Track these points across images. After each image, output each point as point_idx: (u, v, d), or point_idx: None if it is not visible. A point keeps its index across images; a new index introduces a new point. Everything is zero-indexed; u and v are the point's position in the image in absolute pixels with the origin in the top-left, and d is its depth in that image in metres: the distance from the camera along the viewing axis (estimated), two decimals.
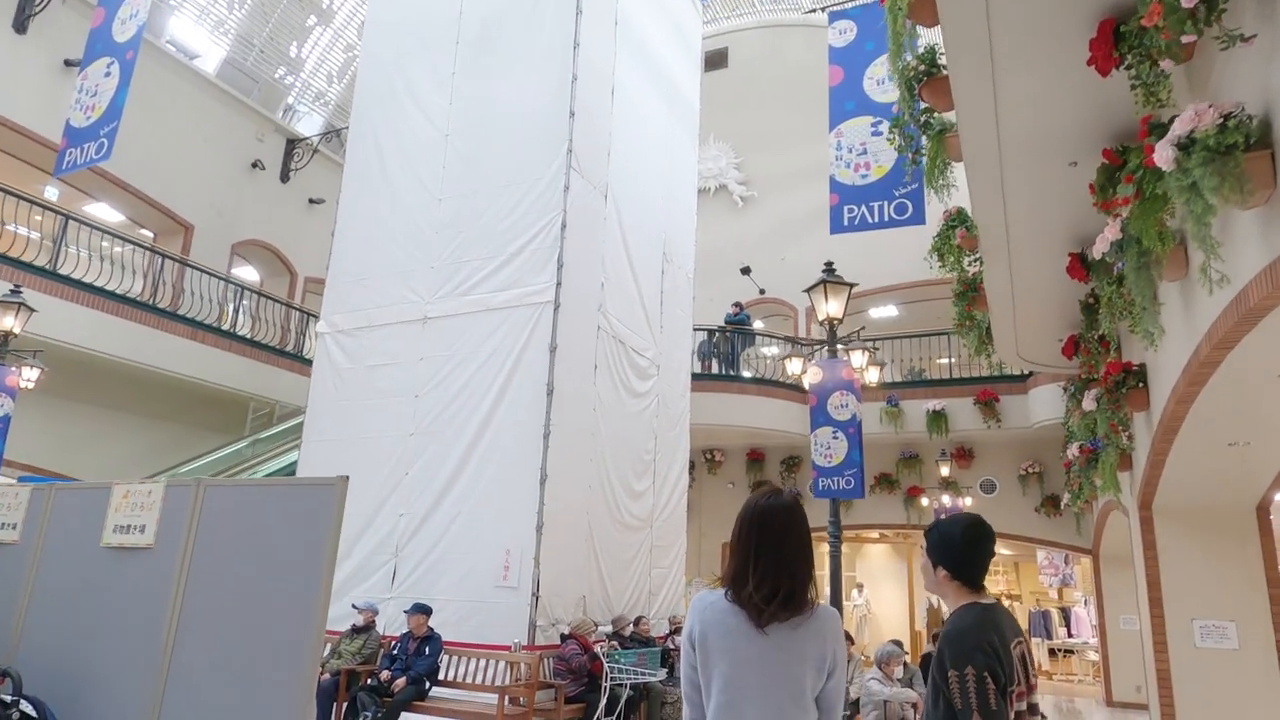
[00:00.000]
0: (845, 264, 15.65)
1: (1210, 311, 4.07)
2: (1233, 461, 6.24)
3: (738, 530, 2.26)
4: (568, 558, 8.65)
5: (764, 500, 2.27)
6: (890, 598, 18.36)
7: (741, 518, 2.27)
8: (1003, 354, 9.77)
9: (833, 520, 5.39)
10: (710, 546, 15.42)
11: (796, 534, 2.21)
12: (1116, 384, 6.27)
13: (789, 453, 15.77)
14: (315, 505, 3.26)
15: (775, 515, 2.21)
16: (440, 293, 9.65)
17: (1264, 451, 6.02)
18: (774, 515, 2.21)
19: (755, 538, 2.20)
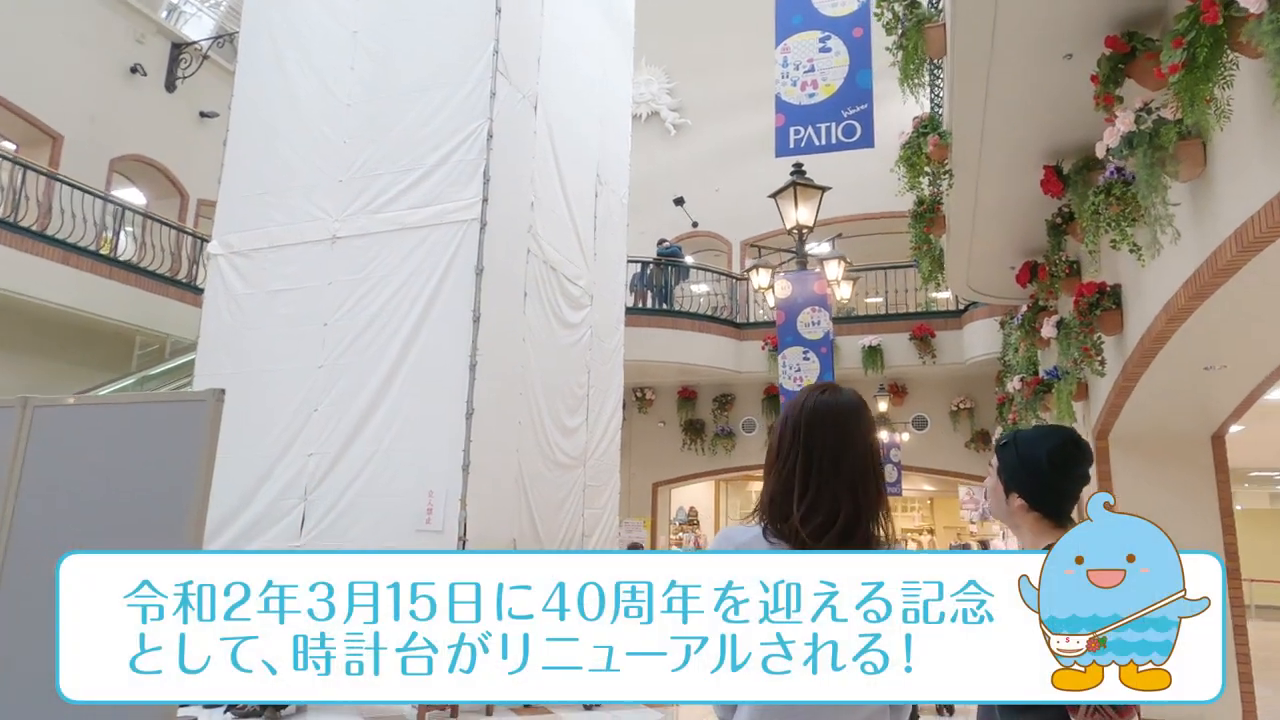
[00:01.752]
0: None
1: (1237, 212, 3.62)
2: (1202, 387, 6.01)
3: (778, 439, 1.63)
4: (497, 498, 7.99)
5: (818, 397, 1.63)
6: None
7: (785, 422, 1.64)
8: (953, 284, 9.43)
9: None
10: (641, 487, 15.00)
11: (862, 446, 1.58)
12: (1090, 305, 5.91)
13: (722, 390, 15.37)
14: (182, 426, 2.49)
15: (834, 418, 1.59)
16: (350, 209, 8.64)
17: (1236, 376, 5.78)
18: (832, 418, 1.59)
19: (804, 448, 1.56)
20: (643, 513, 15.17)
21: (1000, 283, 8.89)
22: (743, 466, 15.47)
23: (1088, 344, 5.97)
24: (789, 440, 1.62)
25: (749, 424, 15.24)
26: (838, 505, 1.50)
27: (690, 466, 15.51)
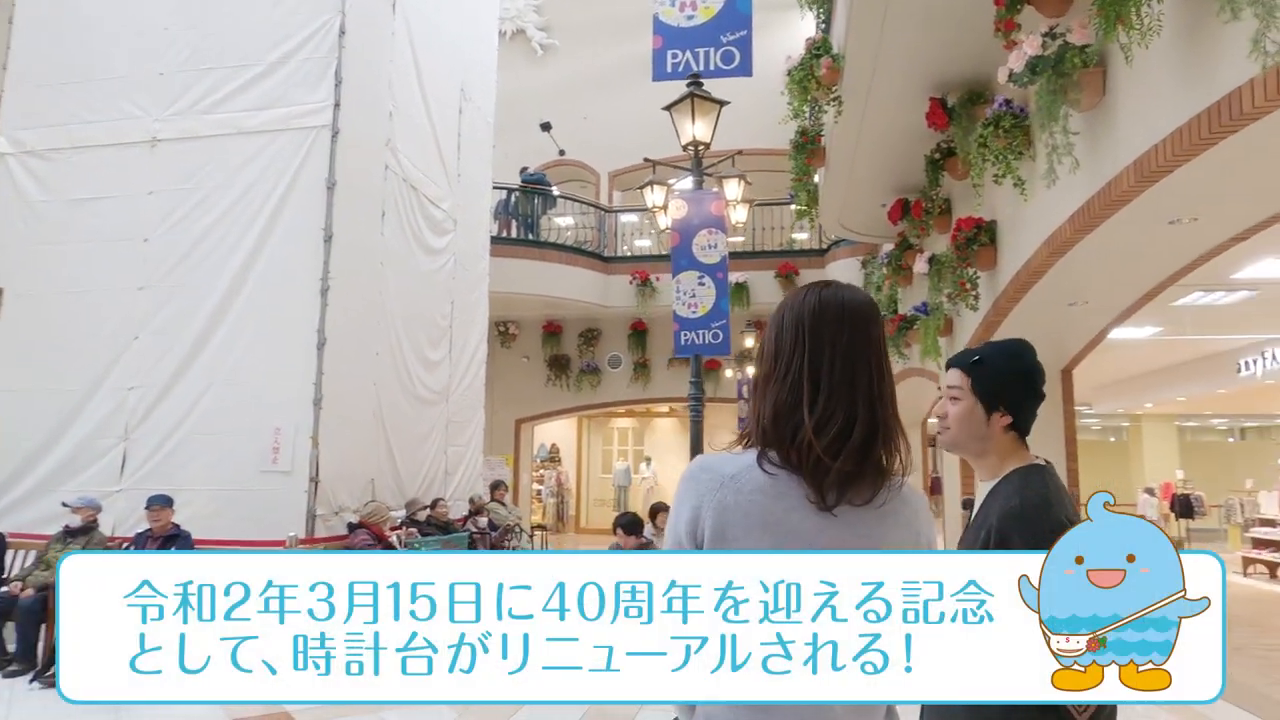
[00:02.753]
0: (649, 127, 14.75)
1: (1140, 140, 3.61)
2: (1062, 323, 6.26)
3: (775, 343, 1.32)
4: (353, 435, 7.36)
5: (824, 291, 1.33)
6: (676, 471, 18.70)
7: (782, 321, 1.33)
8: (826, 220, 9.47)
9: (695, 382, 4.65)
10: (503, 423, 14.55)
11: (879, 353, 1.30)
12: (968, 240, 5.98)
13: (588, 325, 15.05)
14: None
15: (848, 315, 1.29)
16: (175, 108, 7.52)
17: (1093, 313, 6.05)
18: (846, 315, 1.29)
19: (810, 351, 1.27)
20: (505, 450, 14.77)
21: (871, 220, 8.99)
22: (608, 403, 15.33)
23: (964, 278, 6.06)
24: (790, 342, 1.30)
25: (615, 360, 15.05)
26: (854, 414, 1.23)
27: (554, 403, 15.19)
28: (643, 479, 18.36)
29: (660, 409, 18.29)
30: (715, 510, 1.22)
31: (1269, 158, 3.28)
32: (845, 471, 1.21)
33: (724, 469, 1.25)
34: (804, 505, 1.21)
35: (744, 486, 1.23)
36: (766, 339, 1.36)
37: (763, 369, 1.34)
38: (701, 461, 1.30)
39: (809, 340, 1.28)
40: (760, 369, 1.35)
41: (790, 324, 1.31)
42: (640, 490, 18.29)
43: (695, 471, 1.28)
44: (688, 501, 1.25)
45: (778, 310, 1.37)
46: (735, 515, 1.20)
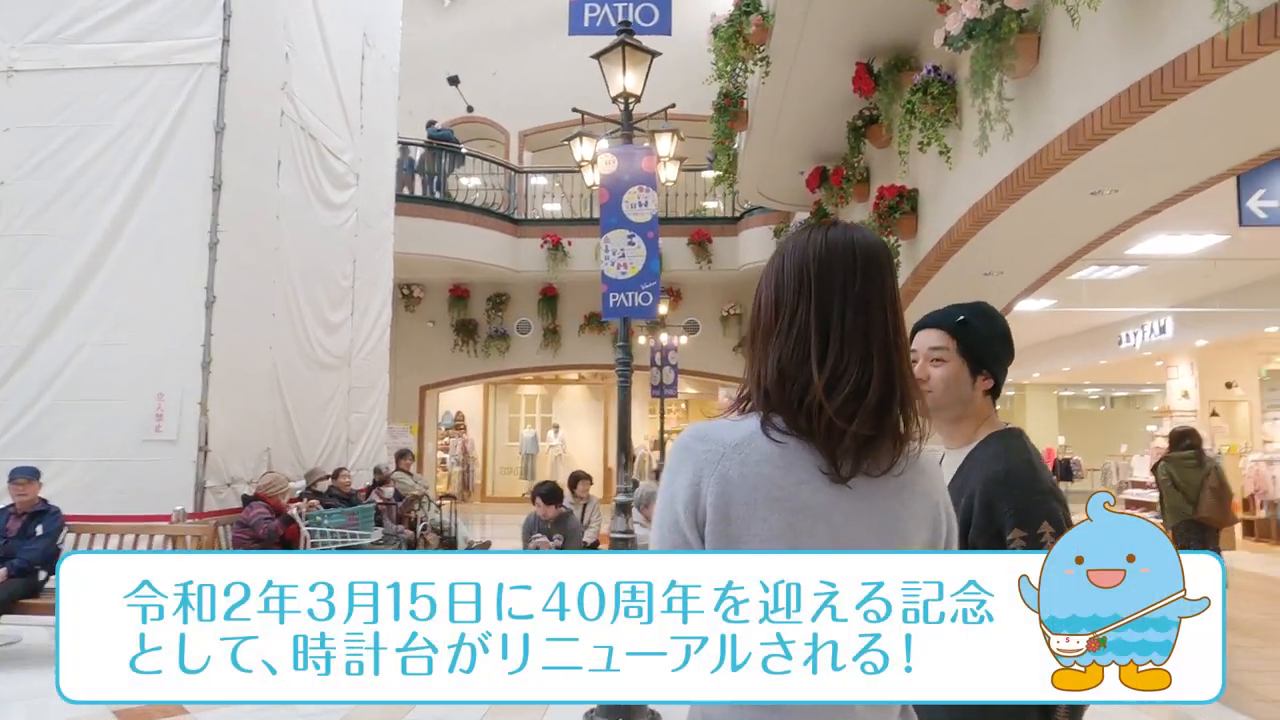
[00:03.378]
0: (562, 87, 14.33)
1: (1075, 107, 3.60)
2: (977, 293, 6.36)
3: (775, 290, 1.16)
4: (246, 401, 6.86)
5: (830, 233, 1.16)
6: (585, 438, 18.58)
7: (782, 266, 1.16)
8: (744, 186, 9.40)
9: (623, 346, 4.46)
10: (407, 390, 14.02)
11: (893, 298, 1.14)
12: (890, 208, 5.99)
13: (497, 290, 14.63)
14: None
15: (857, 258, 1.13)
16: (34, 35, 6.71)
17: (1006, 284, 6.19)
18: (855, 258, 1.13)
19: (816, 298, 1.11)
20: (409, 417, 14.26)
21: (789, 188, 8.97)
22: (516, 369, 14.99)
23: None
24: (794, 289, 1.13)
25: (524, 325, 14.71)
26: (869, 371, 1.08)
27: (461, 369, 14.74)
28: (551, 446, 18.16)
29: (570, 376, 18.07)
30: (717, 484, 1.06)
31: (1201, 128, 3.32)
32: (861, 436, 1.06)
33: (725, 437, 1.08)
34: (816, 477, 1.06)
35: (749, 457, 1.07)
36: (763, 288, 1.18)
37: (761, 322, 1.17)
38: (698, 430, 1.12)
39: (816, 286, 1.11)
40: (758, 323, 1.18)
41: (793, 269, 1.14)
42: (548, 458, 18.10)
43: (690, 441, 1.11)
44: (684, 475, 1.08)
45: (775, 255, 1.20)
46: (740, 490, 1.05)
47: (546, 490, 5.67)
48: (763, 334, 1.15)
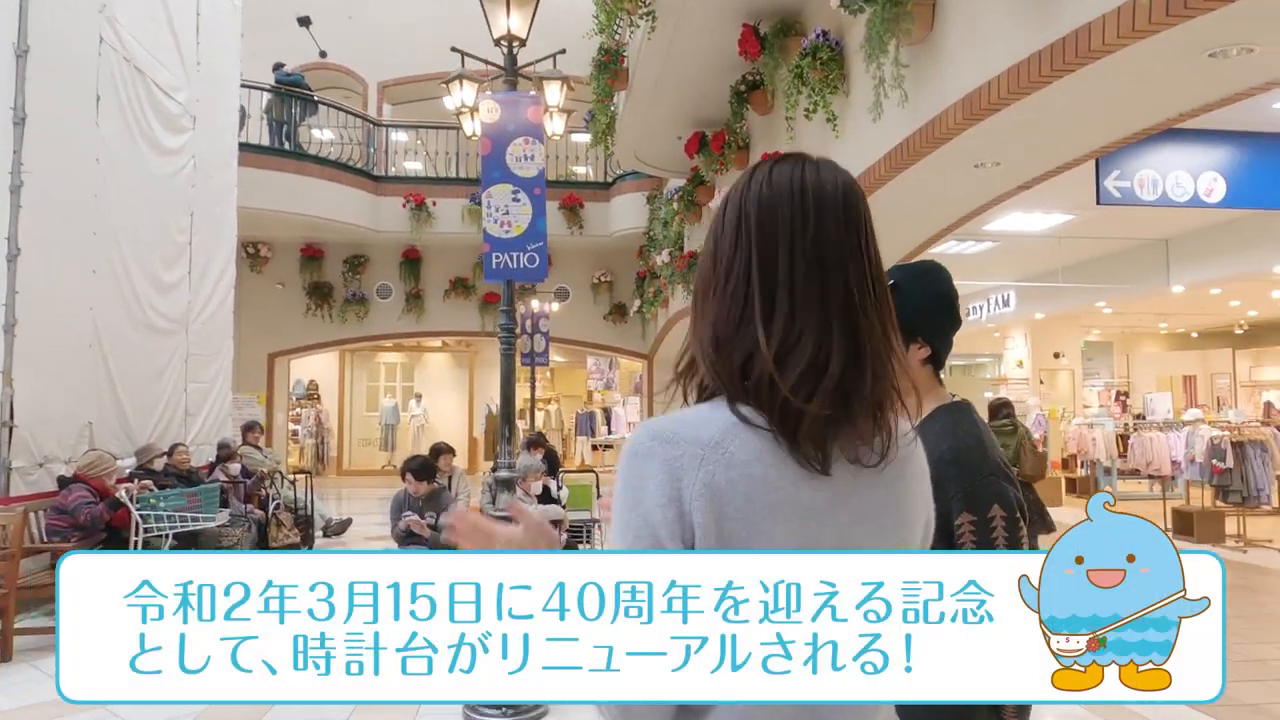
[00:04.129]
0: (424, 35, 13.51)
1: (971, 76, 3.59)
2: None
3: (714, 243, 0.97)
4: (61, 369, 6.02)
5: (775, 171, 0.96)
6: (449, 408, 17.96)
7: (725, 215, 0.97)
8: (621, 149, 9.16)
9: (507, 311, 4.13)
10: (253, 357, 12.94)
11: (860, 246, 0.94)
12: None
13: (354, 251, 13.73)
14: None
15: (809, 198, 0.93)
16: None
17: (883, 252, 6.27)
18: (806, 198, 0.93)
19: (761, 248, 0.93)
20: (256, 387, 13.21)
21: (667, 153, 8.81)
22: (376, 336, 14.19)
23: None
24: (731, 239, 0.94)
25: (384, 289, 13.91)
26: (827, 340, 0.89)
27: (314, 335, 13.79)
28: (413, 417, 17.44)
29: (433, 343, 17.36)
30: (705, 497, 0.85)
31: (1090, 103, 3.37)
32: (823, 419, 0.87)
33: (699, 434, 0.87)
34: (799, 470, 0.87)
35: (735, 456, 0.86)
36: (705, 242, 0.99)
37: (699, 283, 0.97)
38: (656, 429, 0.89)
39: (756, 234, 0.92)
40: (697, 284, 0.98)
41: (732, 215, 0.95)
42: (410, 429, 17.38)
43: (652, 445, 0.88)
44: (654, 490, 0.86)
45: (734, 193, 0.97)
46: (733, 499, 0.85)
47: (418, 465, 5.28)
48: (700, 297, 0.96)
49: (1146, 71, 3.05)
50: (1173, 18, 2.63)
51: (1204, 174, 5.43)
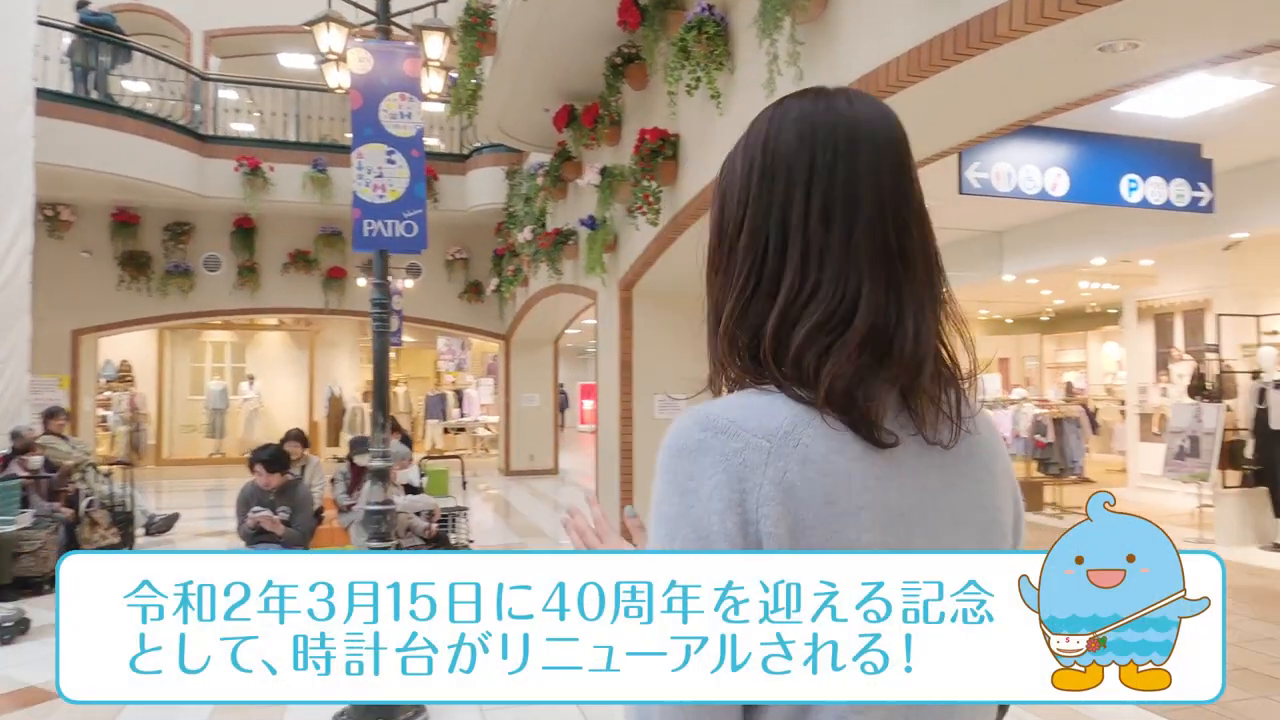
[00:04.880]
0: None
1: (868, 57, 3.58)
2: None
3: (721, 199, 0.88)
4: None
5: (793, 107, 0.84)
6: (286, 391, 16.74)
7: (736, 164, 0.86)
8: (484, 120, 8.74)
9: (380, 285, 3.73)
10: (54, 334, 11.42)
11: (900, 186, 0.81)
12: (653, 152, 5.79)
13: (177, 218, 12.42)
14: None
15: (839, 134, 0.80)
16: None
17: None
18: (835, 134, 0.80)
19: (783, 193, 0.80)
20: (58, 368, 11.68)
21: (534, 125, 8.49)
22: (203, 312, 12.93)
23: (647, 192, 5.88)
24: (741, 188, 0.84)
25: (213, 261, 12.69)
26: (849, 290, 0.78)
27: (128, 311, 12.37)
28: (245, 400, 16.13)
29: (268, 321, 16.10)
30: (777, 500, 0.72)
31: (985, 87, 3.44)
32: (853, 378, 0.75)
33: (763, 423, 0.74)
34: (901, 466, 0.77)
35: (812, 450, 0.73)
36: (714, 196, 0.87)
37: (708, 254, 0.87)
38: (709, 416, 0.75)
39: (776, 180, 0.80)
40: (707, 255, 0.88)
41: (744, 162, 0.83)
42: (243, 413, 16.08)
43: (704, 437, 0.74)
44: (713, 494, 0.73)
45: (768, 126, 0.84)
46: (813, 505, 0.73)
47: (269, 455, 4.76)
48: (710, 269, 0.86)
49: (1040, 61, 3.14)
50: (1066, 12, 2.69)
51: (1050, 169, 5.81)
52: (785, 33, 3.97)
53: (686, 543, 0.73)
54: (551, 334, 13.69)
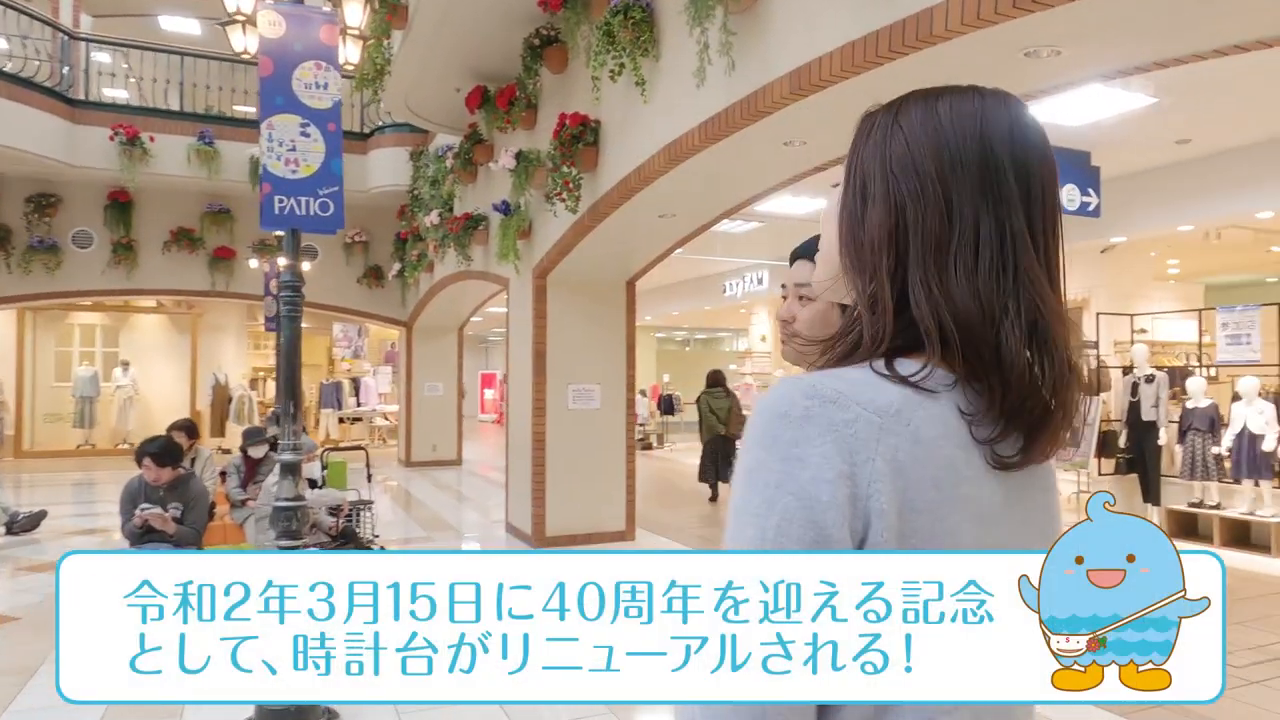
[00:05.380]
0: None
1: (802, 50, 3.59)
2: (647, 233, 6.41)
3: (938, 182, 0.78)
4: None
5: (1010, 108, 0.83)
6: (165, 377, 15.70)
7: (948, 145, 0.79)
8: (391, 97, 8.40)
9: (292, 265, 3.47)
10: None
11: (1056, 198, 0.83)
12: (573, 137, 5.68)
13: (42, 188, 11.40)
14: None
15: (1046, 148, 0.82)
16: None
17: (678, 225, 6.30)
18: (1044, 147, 0.82)
19: (1013, 197, 0.78)
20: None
21: (444, 105, 8.20)
22: (72, 291, 11.93)
23: (567, 178, 5.77)
24: (975, 180, 0.77)
25: (83, 237, 11.72)
26: (1040, 311, 0.77)
27: None
28: (118, 387, 15.04)
29: (145, 303, 15.05)
30: (890, 478, 0.70)
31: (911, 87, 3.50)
32: (1044, 403, 0.76)
33: (874, 397, 0.71)
34: (981, 460, 0.75)
35: (922, 432, 0.72)
36: (913, 169, 0.79)
37: (908, 224, 0.78)
38: (815, 385, 0.72)
39: (1002, 184, 0.77)
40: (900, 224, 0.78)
41: (976, 151, 0.78)
42: (116, 401, 14.99)
43: (810, 405, 0.70)
44: (822, 462, 0.69)
45: (913, 125, 0.82)
46: (923, 488, 0.72)
47: (158, 448, 4.40)
48: (910, 241, 0.77)
49: (970, 64, 3.22)
50: (1002, 15, 2.76)
51: None
52: (717, 22, 3.95)
53: (788, 512, 0.69)
54: (456, 321, 13.35)
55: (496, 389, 26.79)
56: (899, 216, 0.77)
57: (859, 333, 0.79)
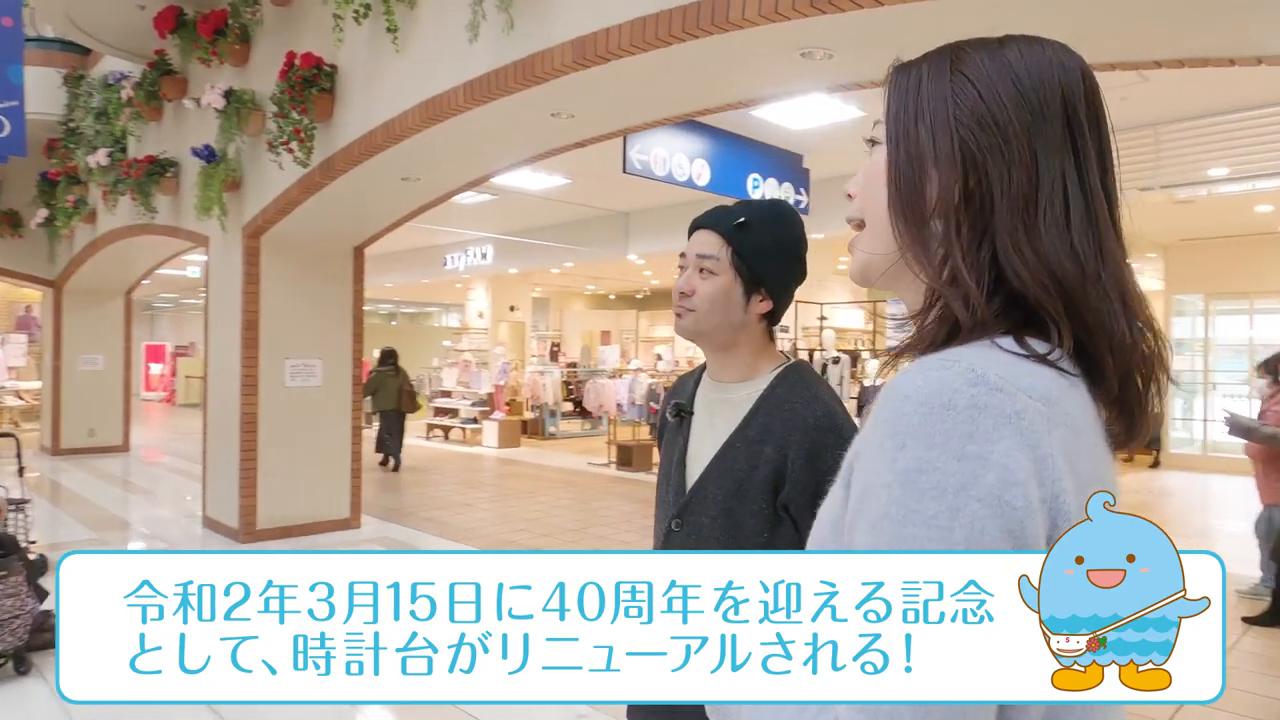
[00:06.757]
0: None
1: (589, 20, 3.49)
2: (385, 197, 5.91)
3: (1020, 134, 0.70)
4: None
5: (1068, 57, 0.74)
6: None
7: (1023, 95, 0.70)
8: (46, 7, 6.86)
9: None
10: None
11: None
12: (306, 80, 5.03)
13: None
14: None
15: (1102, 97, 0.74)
16: None
17: (420, 190, 5.88)
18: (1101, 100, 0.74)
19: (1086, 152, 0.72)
20: None
21: (122, 24, 6.87)
22: None
23: (299, 125, 5.10)
24: (1058, 134, 0.70)
25: None
26: (1125, 273, 0.73)
27: None
28: None
29: None
30: (1069, 475, 0.65)
31: (692, 70, 3.56)
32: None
33: (1033, 385, 0.64)
34: (1107, 446, 0.73)
35: (1076, 420, 0.67)
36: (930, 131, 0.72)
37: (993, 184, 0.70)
38: (975, 371, 0.63)
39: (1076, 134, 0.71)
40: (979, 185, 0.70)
41: (1054, 100, 0.71)
42: None
43: (977, 394, 0.62)
44: (1012, 458, 0.61)
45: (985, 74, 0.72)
46: (1083, 482, 0.67)
47: None
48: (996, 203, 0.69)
49: (751, 54, 3.34)
50: (799, 12, 2.90)
51: (697, 160, 6.33)
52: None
53: (978, 521, 0.61)
54: (124, 283, 11.39)
55: (166, 363, 23.48)
56: (978, 175, 0.69)
57: (944, 308, 0.69)
